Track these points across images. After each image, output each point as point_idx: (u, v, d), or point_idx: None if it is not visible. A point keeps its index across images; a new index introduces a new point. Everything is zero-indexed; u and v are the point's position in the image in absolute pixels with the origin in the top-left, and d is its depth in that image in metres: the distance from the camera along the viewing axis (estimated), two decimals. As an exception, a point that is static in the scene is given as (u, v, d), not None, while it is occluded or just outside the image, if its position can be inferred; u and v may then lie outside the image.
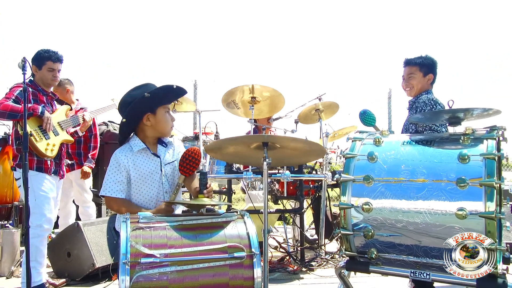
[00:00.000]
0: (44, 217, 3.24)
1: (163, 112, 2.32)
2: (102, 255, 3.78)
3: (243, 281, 1.67)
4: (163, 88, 2.30)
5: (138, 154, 2.31)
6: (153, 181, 2.29)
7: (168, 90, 2.33)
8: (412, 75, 3.00)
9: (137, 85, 2.34)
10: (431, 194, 1.94)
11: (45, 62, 3.38)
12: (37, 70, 3.38)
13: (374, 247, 2.10)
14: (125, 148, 2.33)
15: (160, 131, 2.34)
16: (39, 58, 3.38)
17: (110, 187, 2.24)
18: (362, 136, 2.32)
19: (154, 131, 2.34)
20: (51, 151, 3.26)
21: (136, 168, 2.27)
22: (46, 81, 3.41)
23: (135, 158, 2.29)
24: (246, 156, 2.65)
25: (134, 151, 2.30)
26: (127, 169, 2.26)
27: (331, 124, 4.83)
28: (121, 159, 2.26)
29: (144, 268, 1.58)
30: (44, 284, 3.35)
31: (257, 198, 4.93)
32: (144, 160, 2.31)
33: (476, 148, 1.95)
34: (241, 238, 1.75)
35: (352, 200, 2.13)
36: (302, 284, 3.75)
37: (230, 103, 4.36)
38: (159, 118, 2.30)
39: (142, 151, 2.32)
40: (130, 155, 2.29)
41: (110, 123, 5.46)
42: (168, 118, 2.34)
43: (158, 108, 2.29)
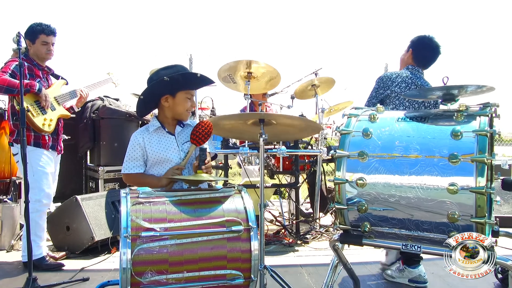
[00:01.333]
0: (43, 192, 3.28)
1: (183, 97, 2.36)
2: (101, 229, 3.85)
3: (241, 253, 1.73)
4: (185, 75, 2.34)
5: (154, 133, 2.39)
6: (170, 159, 2.35)
7: (190, 77, 2.38)
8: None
9: (167, 65, 2.37)
10: (424, 169, 1.98)
11: (38, 35, 3.35)
12: (31, 44, 3.34)
13: (367, 221, 2.16)
14: (143, 129, 2.44)
15: (177, 113, 2.40)
16: (32, 32, 3.34)
17: (127, 165, 2.35)
18: (358, 112, 2.34)
19: (171, 112, 2.40)
20: (49, 126, 3.27)
21: (152, 147, 2.35)
22: (41, 55, 3.39)
23: (151, 137, 2.38)
24: (243, 131, 2.68)
25: (150, 131, 2.39)
26: (143, 147, 2.34)
27: (327, 99, 4.84)
28: (138, 139, 2.37)
29: (144, 242, 1.63)
30: (44, 257, 3.43)
31: (253, 173, 4.98)
32: (159, 138, 2.38)
33: (469, 125, 1.98)
34: (239, 212, 1.80)
35: (347, 175, 2.17)
36: (297, 256, 3.85)
37: (226, 77, 4.35)
38: (177, 101, 2.36)
39: (157, 130, 2.40)
40: (146, 134, 2.38)
41: (106, 97, 5.43)
42: (186, 103, 2.38)
43: (179, 92, 2.35)
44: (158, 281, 1.63)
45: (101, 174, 4.87)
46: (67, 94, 3.58)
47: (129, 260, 1.59)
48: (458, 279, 3.12)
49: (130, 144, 2.38)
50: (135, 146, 2.36)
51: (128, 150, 2.37)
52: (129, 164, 2.35)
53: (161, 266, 1.63)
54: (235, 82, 4.46)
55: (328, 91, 4.83)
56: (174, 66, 2.37)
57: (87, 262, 3.57)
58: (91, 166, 5.32)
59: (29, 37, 3.34)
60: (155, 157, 2.35)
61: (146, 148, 2.35)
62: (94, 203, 3.95)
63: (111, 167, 4.93)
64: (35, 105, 3.21)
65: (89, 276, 3.19)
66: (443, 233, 1.96)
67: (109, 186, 4.91)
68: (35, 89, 3.14)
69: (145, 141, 2.36)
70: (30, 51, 3.36)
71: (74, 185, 5.20)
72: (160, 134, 2.41)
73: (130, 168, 2.34)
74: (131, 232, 1.62)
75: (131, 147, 2.37)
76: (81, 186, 5.30)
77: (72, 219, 3.82)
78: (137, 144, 2.35)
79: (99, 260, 3.65)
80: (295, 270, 3.42)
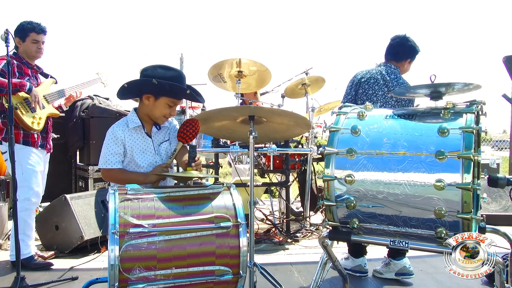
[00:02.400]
0: (32, 191, 3.26)
1: (164, 103, 2.30)
2: (91, 228, 3.82)
3: (229, 249, 1.73)
4: (173, 86, 2.25)
5: (133, 131, 2.34)
6: (146, 159, 2.33)
7: (177, 89, 2.29)
8: None
9: (168, 66, 2.32)
10: (411, 166, 2.00)
11: (28, 33, 3.32)
12: (21, 42, 3.32)
13: (356, 217, 2.17)
14: (122, 122, 2.36)
15: (153, 115, 2.35)
16: (22, 30, 3.32)
17: (108, 159, 2.26)
18: (346, 110, 2.36)
19: (149, 111, 2.35)
20: (38, 124, 3.25)
21: (131, 144, 2.31)
22: (31, 53, 3.36)
23: (130, 133, 2.33)
24: (232, 130, 2.67)
25: (129, 127, 2.33)
26: (123, 142, 2.29)
27: (317, 99, 4.87)
28: (118, 133, 2.29)
29: (133, 238, 1.62)
30: (33, 256, 3.40)
31: (243, 172, 4.99)
32: (138, 137, 2.34)
33: (455, 122, 2.00)
34: (228, 209, 1.80)
35: (336, 172, 2.18)
36: (288, 254, 3.87)
37: (217, 76, 4.35)
38: (157, 104, 2.30)
39: (137, 128, 2.35)
40: (126, 130, 2.33)
41: (96, 96, 5.41)
42: (166, 109, 2.32)
43: (163, 97, 2.29)
44: (146, 277, 1.62)
45: (91, 173, 4.85)
46: (56, 93, 3.55)
47: (117, 256, 1.58)
48: (447, 276, 3.19)
49: (109, 137, 2.29)
50: (116, 140, 2.28)
51: (108, 144, 2.28)
52: (110, 158, 2.25)
53: (149, 263, 1.63)
54: (225, 81, 4.47)
55: (318, 90, 4.85)
56: (174, 70, 2.31)
57: (76, 262, 3.55)
58: (80, 165, 5.30)
59: (19, 35, 3.31)
60: (133, 154, 2.31)
61: (126, 143, 2.29)
62: (83, 202, 3.92)
63: (101, 166, 4.91)
64: (24, 103, 3.18)
65: (78, 275, 3.17)
66: (430, 229, 1.98)
67: (98, 185, 4.89)
68: (25, 89, 3.11)
69: (125, 137, 2.30)
70: (20, 49, 3.33)
71: (63, 184, 5.17)
72: (139, 133, 2.36)
73: (112, 163, 2.25)
74: (119, 229, 1.61)
75: (111, 141, 2.28)
76: (70, 185, 5.27)
77: (61, 218, 3.79)
78: (118, 138, 2.28)
79: (89, 259, 3.63)
80: (285, 268, 3.43)
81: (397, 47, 3.25)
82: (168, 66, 2.32)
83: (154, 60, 12.20)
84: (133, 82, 2.30)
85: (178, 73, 2.32)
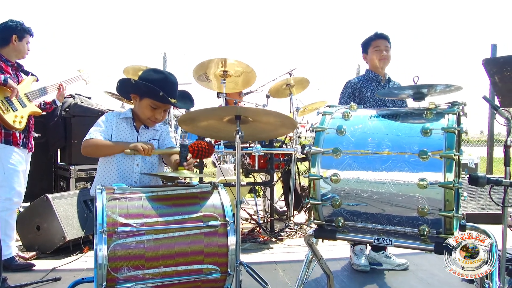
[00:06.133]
0: (14, 191, 3.21)
1: (147, 104, 2.32)
2: (73, 228, 3.78)
3: (218, 248, 1.74)
4: (148, 87, 2.25)
5: (123, 121, 2.38)
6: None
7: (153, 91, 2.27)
8: (388, 48, 3.37)
9: (158, 69, 2.39)
10: (395, 165, 2.04)
11: (25, 34, 3.34)
12: (17, 41, 3.29)
13: (341, 216, 2.21)
14: (115, 113, 2.44)
15: (139, 116, 2.39)
16: (22, 30, 3.33)
17: (90, 133, 2.27)
18: (332, 110, 2.39)
19: (137, 112, 2.40)
20: (19, 123, 3.19)
21: (117, 132, 2.34)
22: (23, 53, 3.37)
23: (120, 122, 2.37)
24: (218, 129, 2.68)
25: (120, 117, 2.39)
26: (112, 126, 2.33)
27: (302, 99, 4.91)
28: (109, 117, 2.36)
29: (121, 237, 1.62)
30: (14, 257, 3.34)
31: (228, 172, 4.99)
32: (125, 128, 2.37)
33: (438, 122, 2.05)
34: (216, 207, 1.81)
35: (321, 171, 2.21)
36: (272, 253, 3.89)
37: (202, 76, 4.35)
38: (141, 105, 2.35)
39: (126, 119, 2.39)
40: (117, 118, 2.38)
41: (77, 95, 5.33)
42: (148, 111, 2.33)
43: (145, 98, 2.32)
44: (134, 277, 1.62)
45: (73, 173, 4.78)
46: (37, 91, 3.50)
47: (105, 256, 1.58)
48: (428, 273, 3.27)
49: (102, 119, 2.35)
50: (105, 122, 2.33)
51: (98, 122, 2.33)
52: (93, 132, 2.27)
53: (137, 262, 1.63)
54: (210, 81, 4.47)
55: (302, 91, 4.90)
56: (162, 73, 2.33)
57: (59, 262, 3.50)
58: (61, 165, 5.21)
59: (19, 34, 3.31)
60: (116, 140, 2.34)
61: (113, 129, 2.33)
62: (65, 202, 3.87)
63: (83, 166, 4.85)
64: (5, 101, 3.12)
65: (61, 276, 3.13)
66: (413, 226, 2.02)
67: (80, 185, 4.82)
68: (0, 81, 3.05)
69: (114, 123, 2.35)
70: (9, 47, 3.28)
71: (43, 184, 5.07)
72: (128, 124, 2.39)
73: (92, 135, 2.26)
74: (107, 228, 1.61)
75: (100, 121, 2.34)
76: (51, 185, 5.17)
77: (43, 218, 3.73)
78: (108, 121, 2.34)
79: (71, 260, 3.59)
80: (270, 267, 3.46)
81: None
82: (159, 70, 2.41)
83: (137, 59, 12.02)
84: (121, 80, 2.37)
85: (163, 76, 2.31)
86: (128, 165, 2.30)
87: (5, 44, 3.26)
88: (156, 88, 2.21)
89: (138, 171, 2.31)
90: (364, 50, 3.47)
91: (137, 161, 2.32)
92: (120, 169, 2.29)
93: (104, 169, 2.30)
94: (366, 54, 3.46)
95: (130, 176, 2.29)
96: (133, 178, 2.30)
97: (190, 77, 4.41)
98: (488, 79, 2.59)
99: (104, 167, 2.31)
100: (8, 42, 3.25)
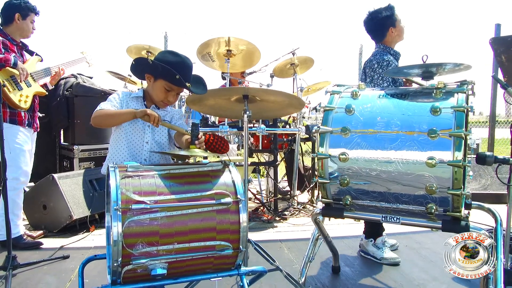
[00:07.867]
0: (20, 170, 3.22)
1: (161, 85, 2.30)
2: (79, 207, 3.81)
3: (230, 225, 1.76)
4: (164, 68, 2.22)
5: (133, 99, 2.39)
6: (136, 128, 2.32)
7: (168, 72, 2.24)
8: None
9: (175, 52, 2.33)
10: (404, 144, 2.06)
11: (29, 13, 3.31)
12: (20, 19, 3.26)
13: (349, 194, 2.23)
14: (126, 92, 2.46)
15: (153, 97, 2.38)
16: (26, 8, 3.30)
17: (101, 105, 2.29)
18: (340, 89, 2.40)
19: (150, 92, 2.38)
20: (25, 102, 3.19)
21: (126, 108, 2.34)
22: (27, 32, 3.34)
23: (131, 100, 2.39)
24: (226, 108, 2.68)
25: (131, 96, 2.41)
26: (122, 103, 2.35)
27: (305, 79, 4.89)
28: (121, 95, 2.39)
29: (135, 214, 1.63)
30: (22, 236, 3.39)
31: (231, 152, 5.01)
32: (135, 106, 2.36)
33: (447, 101, 2.06)
34: (227, 185, 1.82)
35: (330, 150, 2.23)
36: (276, 232, 3.94)
37: (205, 55, 4.32)
38: (155, 86, 2.33)
39: (137, 98, 2.40)
40: (128, 96, 2.40)
41: (79, 75, 5.30)
42: (161, 93, 2.32)
43: (160, 79, 2.30)
44: (149, 253, 1.64)
45: (76, 153, 4.79)
46: (42, 71, 3.48)
47: (120, 232, 1.59)
48: (430, 250, 3.32)
49: (113, 95, 2.38)
50: (117, 97, 2.35)
51: (109, 98, 2.36)
52: (103, 104, 2.30)
53: (151, 238, 1.64)
54: (214, 60, 4.44)
55: (306, 70, 4.88)
56: (179, 56, 2.28)
57: (66, 241, 3.55)
58: (65, 145, 5.22)
59: (22, 12, 3.28)
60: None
61: (123, 106, 2.35)
62: (71, 182, 3.90)
63: (86, 146, 4.85)
64: (11, 80, 3.11)
65: (69, 254, 3.17)
66: (421, 205, 2.05)
67: (84, 165, 4.84)
68: (10, 64, 3.04)
69: (125, 100, 2.37)
70: (13, 26, 3.25)
71: (47, 164, 5.08)
72: (138, 102, 2.40)
73: (105, 105, 2.29)
74: (121, 205, 1.62)
75: (112, 97, 2.36)
76: (54, 165, 5.19)
77: (49, 198, 3.76)
78: (120, 97, 2.37)
79: (78, 239, 3.64)
80: (275, 245, 3.51)
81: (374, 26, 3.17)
82: (176, 52, 2.34)
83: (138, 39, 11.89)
84: (137, 60, 2.35)
85: (180, 59, 2.29)
86: (138, 142, 2.31)
87: (9, 23, 3.23)
88: (173, 70, 2.20)
89: (147, 149, 2.32)
90: (393, 23, 3.12)
91: (146, 139, 2.32)
92: (130, 147, 2.30)
93: (115, 147, 2.32)
94: (394, 28, 3.12)
95: (140, 153, 2.31)
96: (143, 156, 2.31)
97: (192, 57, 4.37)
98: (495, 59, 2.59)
99: (115, 145, 2.32)
100: (12, 20, 3.22)
